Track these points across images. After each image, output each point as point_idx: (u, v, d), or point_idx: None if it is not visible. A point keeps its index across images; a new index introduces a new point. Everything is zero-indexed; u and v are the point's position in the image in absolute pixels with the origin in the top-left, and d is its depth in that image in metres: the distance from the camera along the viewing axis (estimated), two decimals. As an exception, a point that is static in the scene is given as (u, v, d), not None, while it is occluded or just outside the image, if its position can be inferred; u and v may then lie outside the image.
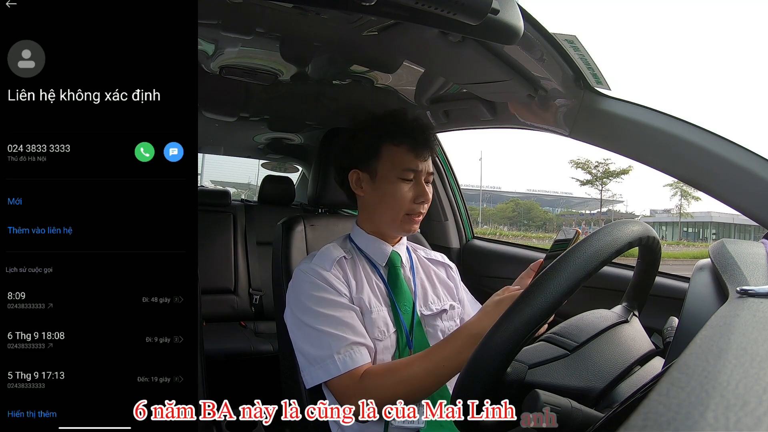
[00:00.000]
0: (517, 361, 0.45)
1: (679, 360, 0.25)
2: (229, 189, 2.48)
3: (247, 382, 1.54)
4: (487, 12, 0.60)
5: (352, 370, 0.71)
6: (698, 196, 24.22)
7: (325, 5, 0.71)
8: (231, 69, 1.10)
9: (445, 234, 1.51)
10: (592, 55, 0.82)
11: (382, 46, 0.89)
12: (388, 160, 0.81)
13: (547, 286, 0.41)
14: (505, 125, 1.16)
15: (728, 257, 0.45)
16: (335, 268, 0.80)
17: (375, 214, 0.84)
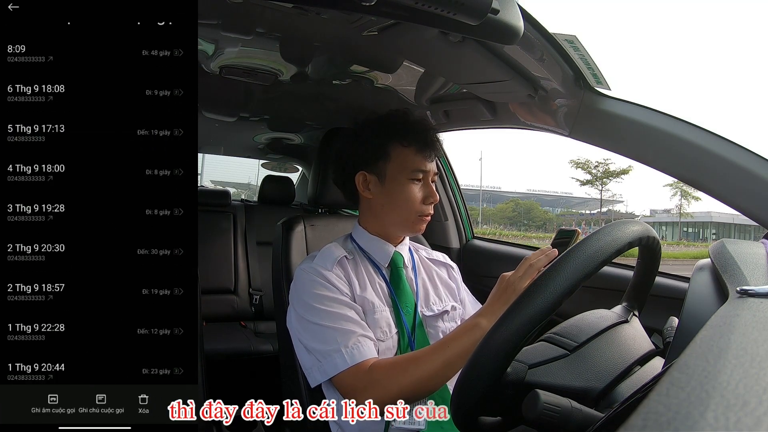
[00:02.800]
0: (517, 361, 0.45)
1: (679, 360, 0.25)
2: (229, 189, 2.48)
3: (247, 382, 1.54)
4: (487, 12, 0.60)
5: (360, 362, 0.71)
6: (698, 196, 24.23)
7: (325, 5, 0.71)
8: (231, 69, 1.10)
9: (445, 234, 1.51)
10: (592, 55, 0.82)
11: (382, 46, 0.89)
12: (398, 162, 0.81)
13: (547, 286, 0.41)
14: (505, 125, 1.16)
15: (728, 257, 0.45)
16: (337, 267, 0.80)
17: (384, 215, 0.84)
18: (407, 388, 0.68)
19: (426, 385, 0.69)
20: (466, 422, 0.45)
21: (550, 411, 0.40)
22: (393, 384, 0.68)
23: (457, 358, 0.68)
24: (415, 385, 0.68)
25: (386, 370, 0.70)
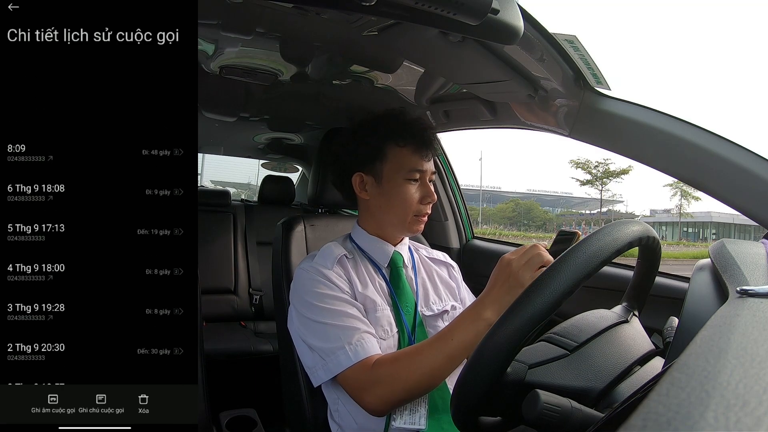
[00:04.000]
0: (517, 361, 0.45)
1: (679, 360, 0.25)
2: (229, 189, 2.48)
3: (247, 382, 1.54)
4: (487, 12, 0.60)
5: (364, 359, 0.70)
6: (698, 196, 24.26)
7: (325, 5, 0.71)
8: (231, 69, 1.10)
9: (445, 234, 1.51)
10: (592, 55, 0.82)
11: (382, 46, 0.89)
12: (394, 162, 0.81)
13: (547, 286, 0.41)
14: (505, 125, 1.16)
15: (728, 257, 0.45)
16: (337, 266, 0.80)
17: (381, 216, 0.84)
18: (412, 382, 0.67)
19: (429, 379, 0.68)
20: (466, 422, 0.45)
21: (550, 411, 0.40)
22: (397, 379, 0.68)
23: (460, 350, 0.67)
24: (419, 379, 0.67)
25: (389, 365, 0.69)
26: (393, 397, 0.68)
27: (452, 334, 0.68)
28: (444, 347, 0.68)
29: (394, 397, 0.68)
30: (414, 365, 0.68)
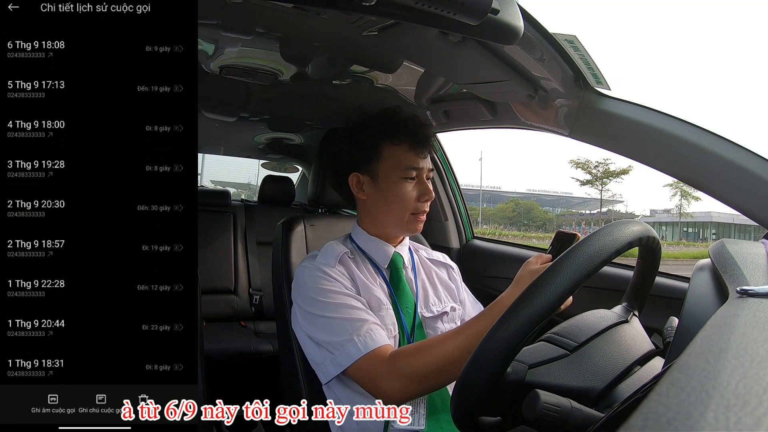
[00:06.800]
0: (517, 361, 0.45)
1: (679, 360, 0.25)
2: (229, 189, 2.48)
3: (247, 382, 1.54)
4: (487, 12, 0.60)
5: (374, 349, 0.69)
6: (698, 196, 24.23)
7: (325, 5, 0.71)
8: (231, 69, 1.10)
9: (445, 234, 1.51)
10: (592, 55, 0.82)
11: (382, 46, 0.89)
12: (389, 161, 0.81)
13: (547, 286, 0.41)
14: (505, 125, 1.15)
15: (728, 257, 0.45)
16: (339, 264, 0.79)
17: (379, 216, 0.83)
18: (433, 371, 0.66)
19: (451, 367, 0.66)
20: (466, 422, 0.45)
21: (550, 411, 0.40)
22: (418, 369, 0.66)
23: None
24: (440, 368, 0.66)
25: (411, 356, 0.68)
26: (414, 389, 0.67)
27: (474, 326, 0.67)
28: (465, 335, 0.66)
29: (415, 389, 0.67)
30: (437, 355, 0.66)
